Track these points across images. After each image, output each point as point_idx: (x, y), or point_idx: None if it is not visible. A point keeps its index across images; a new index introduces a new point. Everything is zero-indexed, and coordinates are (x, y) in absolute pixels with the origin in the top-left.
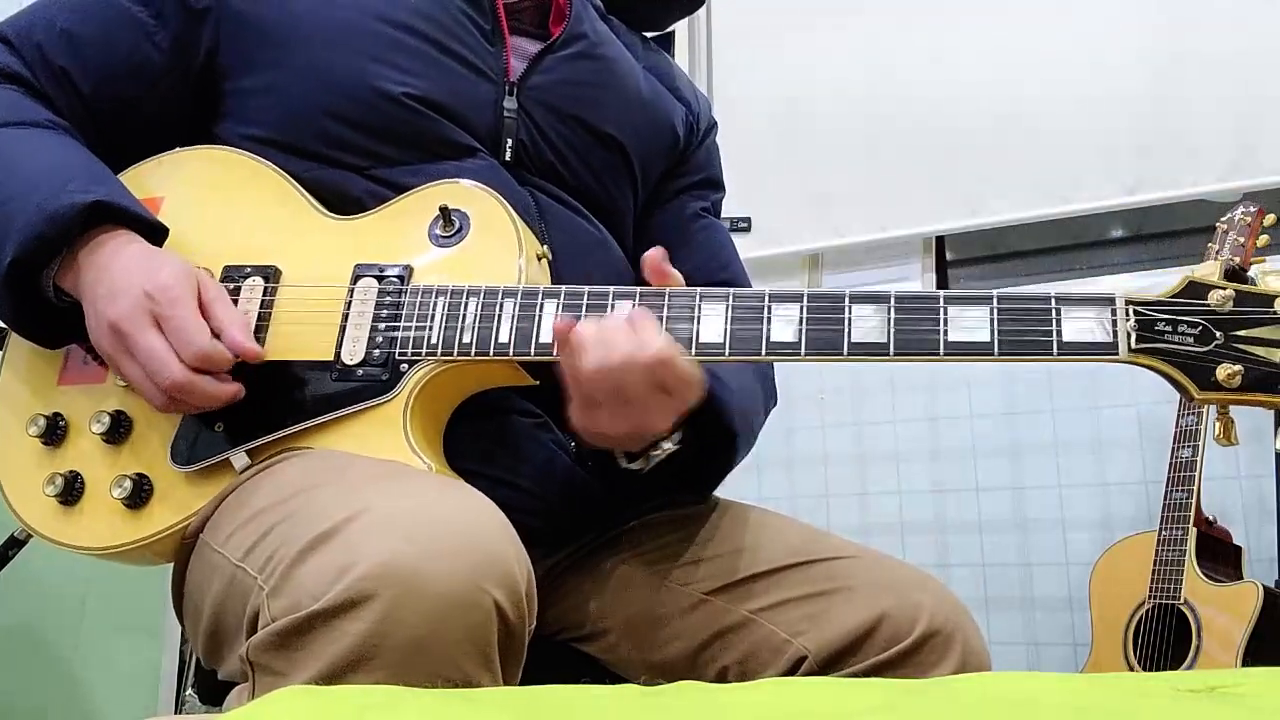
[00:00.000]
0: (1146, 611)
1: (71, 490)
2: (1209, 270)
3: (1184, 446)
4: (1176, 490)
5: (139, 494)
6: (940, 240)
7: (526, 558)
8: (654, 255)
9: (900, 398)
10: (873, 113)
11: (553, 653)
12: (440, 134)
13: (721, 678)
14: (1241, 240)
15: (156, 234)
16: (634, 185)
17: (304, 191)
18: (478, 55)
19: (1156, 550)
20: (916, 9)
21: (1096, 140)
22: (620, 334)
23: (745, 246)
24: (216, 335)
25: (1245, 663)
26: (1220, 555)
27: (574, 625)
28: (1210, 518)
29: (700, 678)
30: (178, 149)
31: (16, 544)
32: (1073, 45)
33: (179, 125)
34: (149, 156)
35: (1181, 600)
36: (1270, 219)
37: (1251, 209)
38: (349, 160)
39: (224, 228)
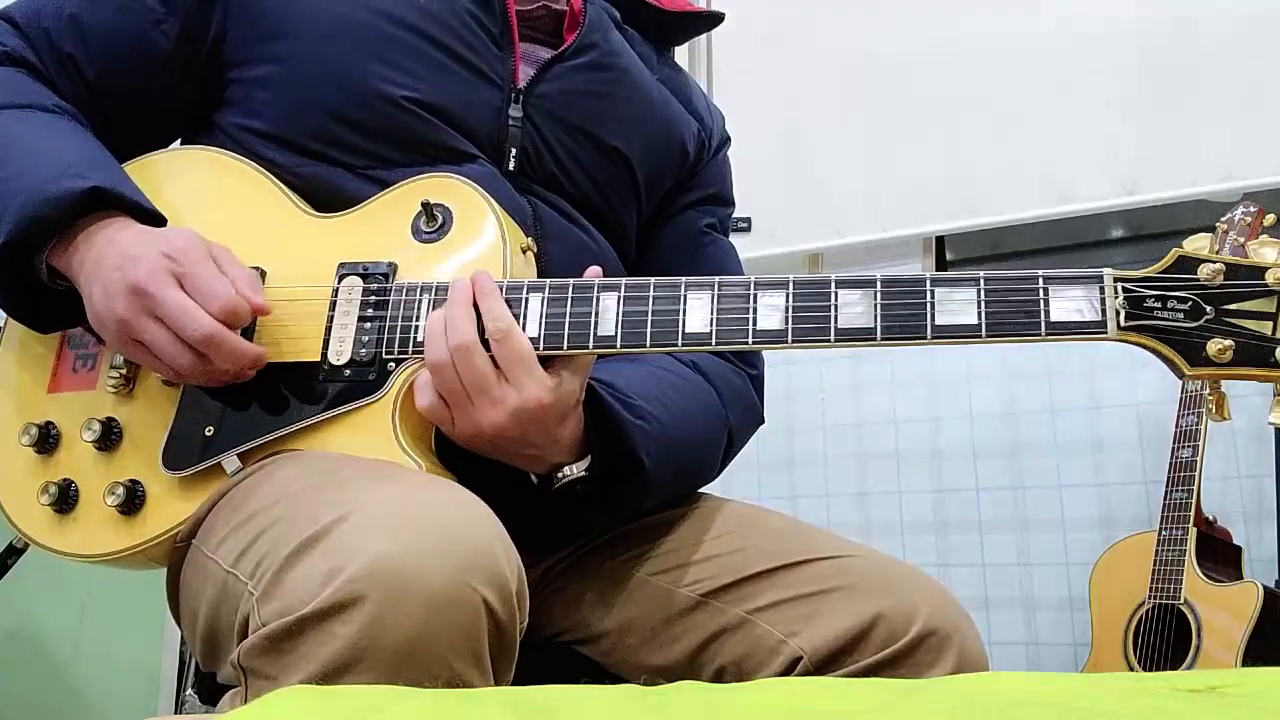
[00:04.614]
0: (1146, 611)
1: (65, 498)
2: (1199, 244)
3: (1184, 446)
4: (1176, 490)
5: (132, 500)
6: (940, 240)
7: (516, 555)
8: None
9: (900, 398)
10: (872, 112)
11: (553, 653)
12: (440, 139)
13: (719, 678)
14: (1241, 240)
15: (156, 223)
16: (638, 200)
17: (288, 190)
18: (484, 60)
19: (1156, 550)
20: (916, 9)
21: (1096, 140)
22: (445, 320)
23: (745, 246)
24: None
25: (1245, 663)
26: (1220, 555)
27: (572, 628)
28: (1210, 518)
29: (698, 679)
30: (161, 150)
31: (15, 552)
32: (1073, 45)
33: (184, 113)
34: (153, 143)
35: (1181, 600)
36: (1270, 219)
37: (1251, 209)
38: (345, 159)
39: (209, 230)
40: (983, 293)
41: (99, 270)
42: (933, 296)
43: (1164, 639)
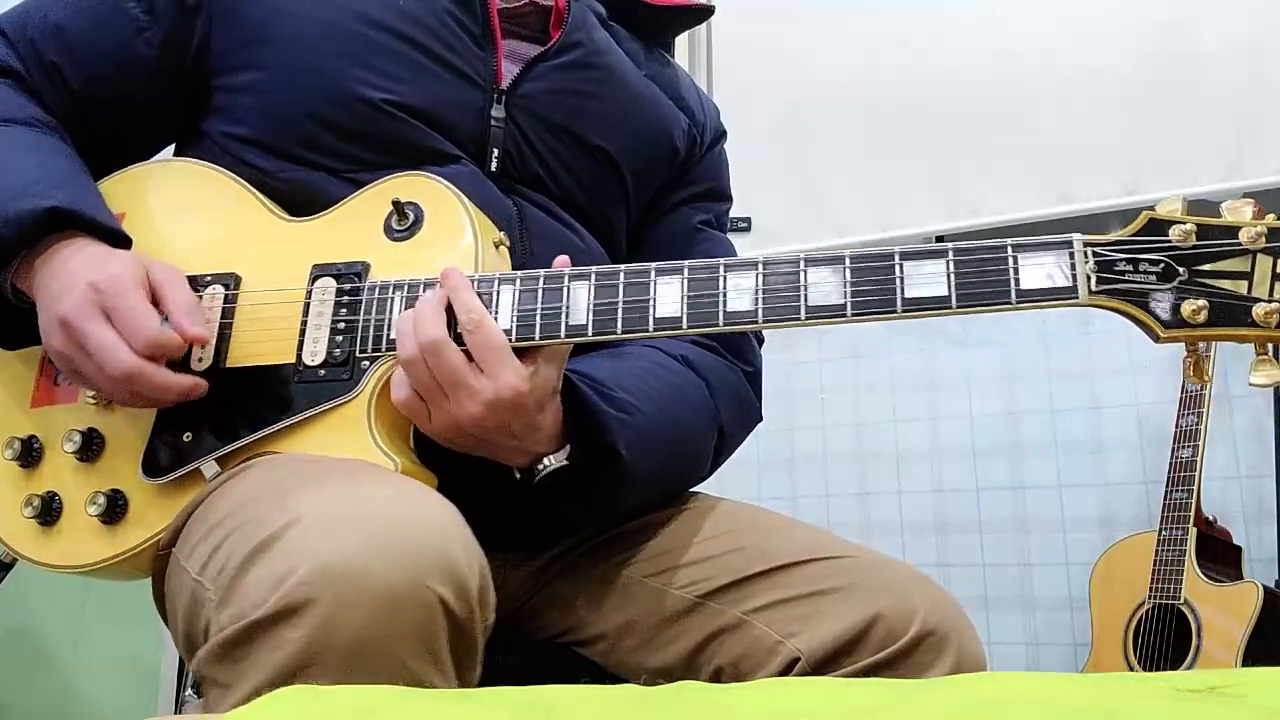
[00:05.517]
0: (1146, 611)
1: (49, 510)
2: (1172, 207)
3: (1184, 446)
4: (1176, 490)
5: (113, 510)
6: (940, 240)
7: (478, 553)
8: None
9: (900, 398)
10: (873, 112)
11: (553, 653)
12: (422, 141)
13: (716, 679)
14: None
15: (119, 242)
16: (626, 199)
17: (262, 197)
18: (465, 61)
19: (1156, 550)
20: (917, 8)
21: (1096, 140)
22: (413, 318)
23: (745, 246)
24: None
25: (1245, 663)
26: (1220, 555)
27: (570, 629)
28: (1210, 518)
29: (695, 679)
30: (139, 164)
31: (4, 567)
32: (1073, 45)
33: (171, 121)
34: (143, 151)
35: (1181, 600)
36: (1270, 219)
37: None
38: (328, 163)
39: (185, 240)
40: (952, 264)
41: (44, 299)
42: (902, 270)
43: (1164, 639)
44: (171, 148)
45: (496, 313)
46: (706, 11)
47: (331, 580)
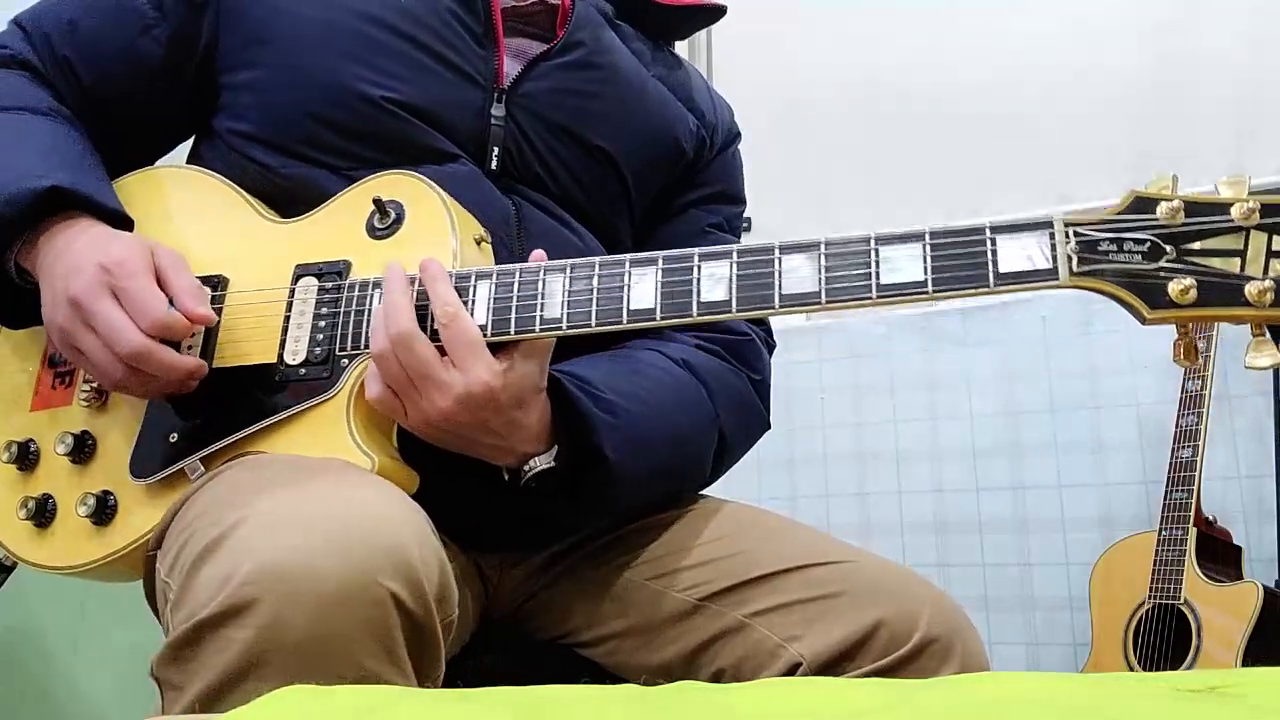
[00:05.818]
0: (1146, 611)
1: (43, 512)
2: (1162, 184)
3: (1184, 446)
4: (1176, 490)
5: (103, 511)
6: None
7: (437, 550)
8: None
9: (900, 398)
10: (873, 112)
11: (553, 653)
12: (421, 140)
13: (717, 681)
14: None
15: (121, 223)
16: (628, 200)
17: (251, 199)
18: (466, 59)
19: (1156, 550)
20: (917, 9)
21: (1096, 140)
22: (384, 311)
23: None
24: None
25: (1245, 663)
26: (1220, 555)
27: (571, 630)
28: (1210, 518)
29: (697, 681)
30: (134, 171)
31: (5, 570)
32: (1073, 45)
33: (173, 123)
34: (156, 148)
35: (1181, 600)
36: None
37: None
38: (329, 160)
39: (175, 243)
40: (928, 248)
41: (49, 278)
42: (877, 255)
43: (1164, 639)
44: (177, 150)
45: (473, 307)
46: (718, 12)
47: (276, 578)
